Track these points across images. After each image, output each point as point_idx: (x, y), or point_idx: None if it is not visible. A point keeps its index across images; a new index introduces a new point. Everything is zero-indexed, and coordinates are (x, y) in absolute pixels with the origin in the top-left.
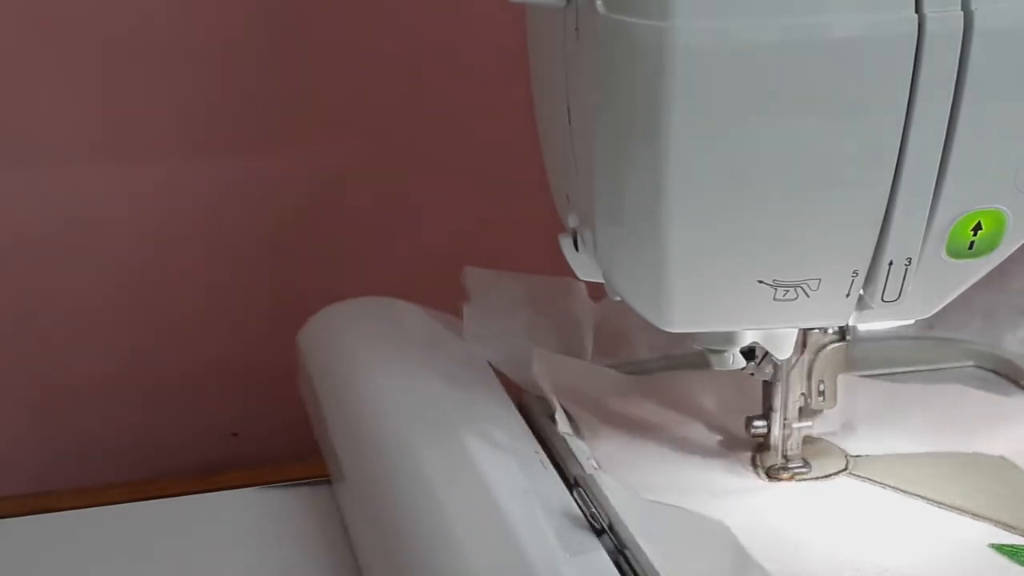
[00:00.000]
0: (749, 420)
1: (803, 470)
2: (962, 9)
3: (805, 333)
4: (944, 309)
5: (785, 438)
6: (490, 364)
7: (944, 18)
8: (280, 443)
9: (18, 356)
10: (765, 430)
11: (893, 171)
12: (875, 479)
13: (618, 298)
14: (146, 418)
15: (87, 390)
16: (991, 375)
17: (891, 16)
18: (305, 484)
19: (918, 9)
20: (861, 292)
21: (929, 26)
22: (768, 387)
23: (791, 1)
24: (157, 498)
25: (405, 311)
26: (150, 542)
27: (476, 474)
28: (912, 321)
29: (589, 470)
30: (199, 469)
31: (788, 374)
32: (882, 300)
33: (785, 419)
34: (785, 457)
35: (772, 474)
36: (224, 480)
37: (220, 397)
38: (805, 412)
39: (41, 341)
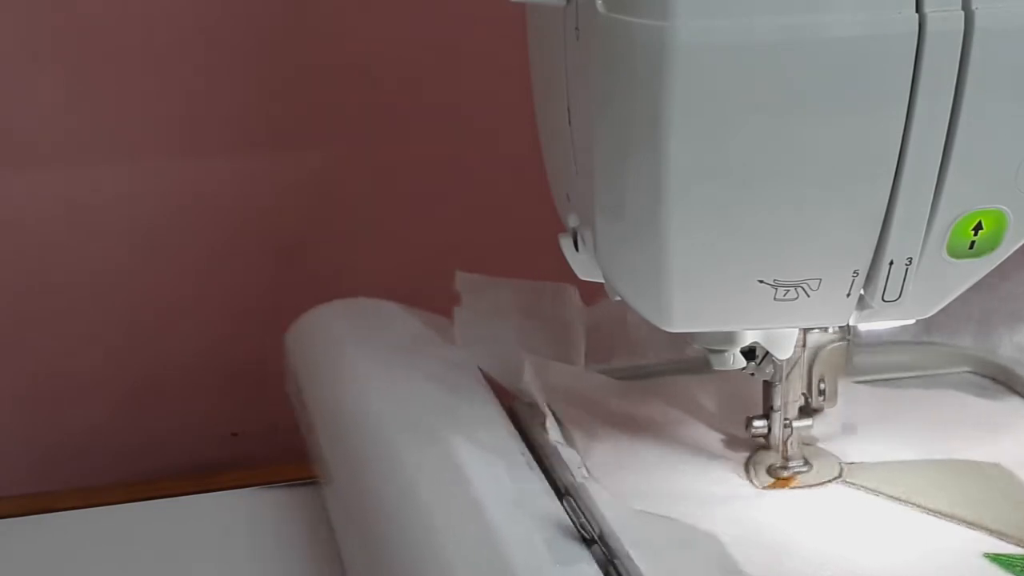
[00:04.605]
0: (749, 420)
1: (803, 469)
2: (963, 9)
3: (805, 333)
4: (939, 314)
5: (786, 438)
6: (481, 370)
7: (945, 18)
8: (280, 443)
9: (17, 356)
10: (766, 430)
11: (894, 171)
12: (868, 486)
13: (618, 298)
14: (145, 418)
15: (86, 390)
16: (987, 381)
17: (891, 16)
18: (305, 484)
19: (919, 8)
20: (862, 292)
21: (930, 26)
22: (768, 387)
23: (791, 1)
24: (157, 498)
25: (393, 313)
26: (150, 542)
27: (463, 480)
28: (913, 321)
29: (580, 479)
30: (199, 469)
31: (788, 374)
32: (883, 300)
33: (786, 419)
34: (785, 457)
35: (773, 473)
36: (224, 480)
37: (219, 397)
38: (805, 412)
39: (40, 341)
